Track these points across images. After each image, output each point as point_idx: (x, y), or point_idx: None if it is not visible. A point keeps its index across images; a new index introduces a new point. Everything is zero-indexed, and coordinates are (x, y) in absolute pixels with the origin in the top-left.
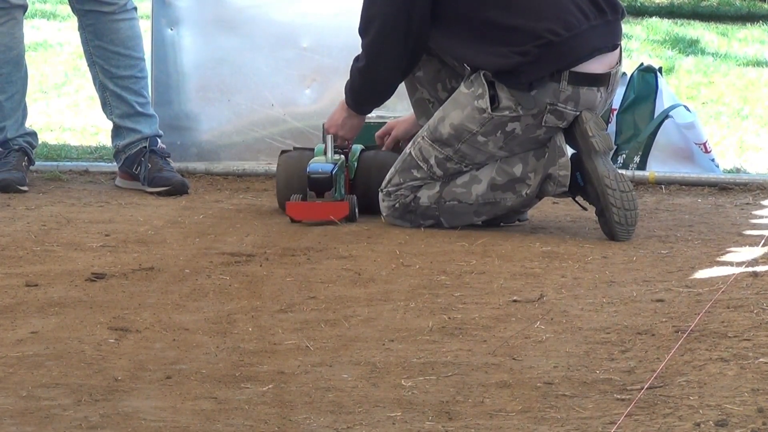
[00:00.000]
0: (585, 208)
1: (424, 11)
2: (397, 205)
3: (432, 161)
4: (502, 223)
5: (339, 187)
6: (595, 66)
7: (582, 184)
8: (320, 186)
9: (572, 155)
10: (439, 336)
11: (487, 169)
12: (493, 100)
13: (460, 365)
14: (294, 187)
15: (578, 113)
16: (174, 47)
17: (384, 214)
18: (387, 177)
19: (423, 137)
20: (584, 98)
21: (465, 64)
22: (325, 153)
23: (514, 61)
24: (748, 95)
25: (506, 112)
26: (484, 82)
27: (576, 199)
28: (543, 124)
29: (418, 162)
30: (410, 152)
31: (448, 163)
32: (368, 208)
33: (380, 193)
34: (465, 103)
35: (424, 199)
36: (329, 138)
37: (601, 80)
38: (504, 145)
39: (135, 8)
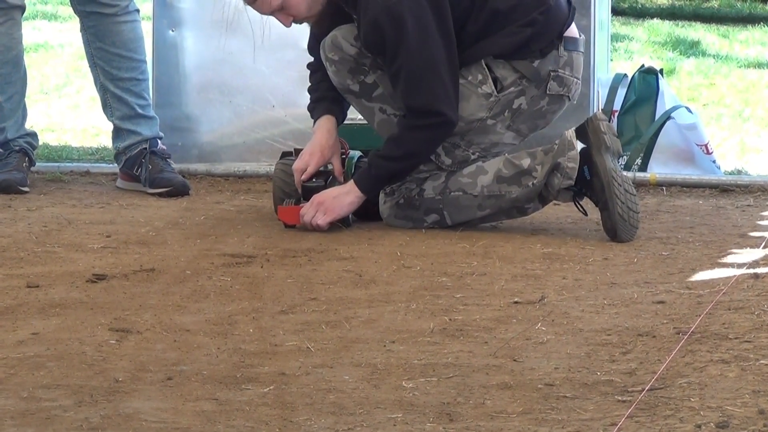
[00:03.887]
0: (585, 213)
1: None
2: (401, 201)
3: (439, 150)
4: (500, 223)
5: None
6: (574, 31)
7: (588, 177)
8: (314, 194)
9: (581, 149)
10: (440, 337)
11: (495, 161)
12: (496, 82)
13: (461, 367)
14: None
15: (574, 79)
16: (175, 48)
17: (384, 216)
18: None
19: None
20: (576, 63)
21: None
22: None
23: (526, 33)
24: (749, 97)
25: (512, 89)
26: (484, 67)
27: (578, 202)
28: (547, 92)
29: None
30: None
31: (456, 150)
32: (364, 214)
33: (381, 194)
34: (468, 94)
35: (429, 191)
36: None
37: (581, 44)
38: (511, 123)
39: (137, 10)
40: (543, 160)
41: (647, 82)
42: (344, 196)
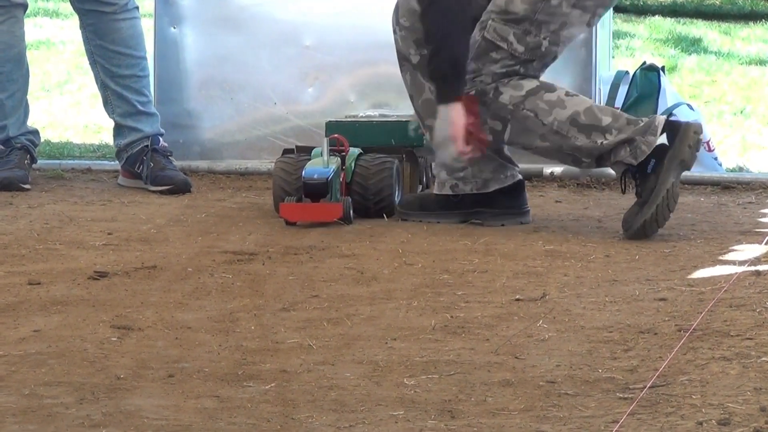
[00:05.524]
0: (623, 191)
1: None
2: (473, 93)
3: (511, 38)
4: (503, 224)
5: (334, 191)
6: None
7: (649, 171)
8: (316, 192)
9: (659, 144)
10: (442, 335)
11: (578, 101)
12: None
13: (462, 364)
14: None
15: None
16: (177, 45)
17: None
18: None
19: (493, 19)
20: None
21: None
22: (321, 155)
23: None
24: (751, 94)
25: None
26: None
27: (624, 179)
28: None
29: (497, 43)
30: (483, 36)
31: (528, 37)
32: (364, 211)
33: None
34: None
35: (505, 97)
36: (326, 141)
37: None
38: (577, 1)
39: (137, 7)
40: (622, 128)
41: (649, 79)
42: (443, 121)
